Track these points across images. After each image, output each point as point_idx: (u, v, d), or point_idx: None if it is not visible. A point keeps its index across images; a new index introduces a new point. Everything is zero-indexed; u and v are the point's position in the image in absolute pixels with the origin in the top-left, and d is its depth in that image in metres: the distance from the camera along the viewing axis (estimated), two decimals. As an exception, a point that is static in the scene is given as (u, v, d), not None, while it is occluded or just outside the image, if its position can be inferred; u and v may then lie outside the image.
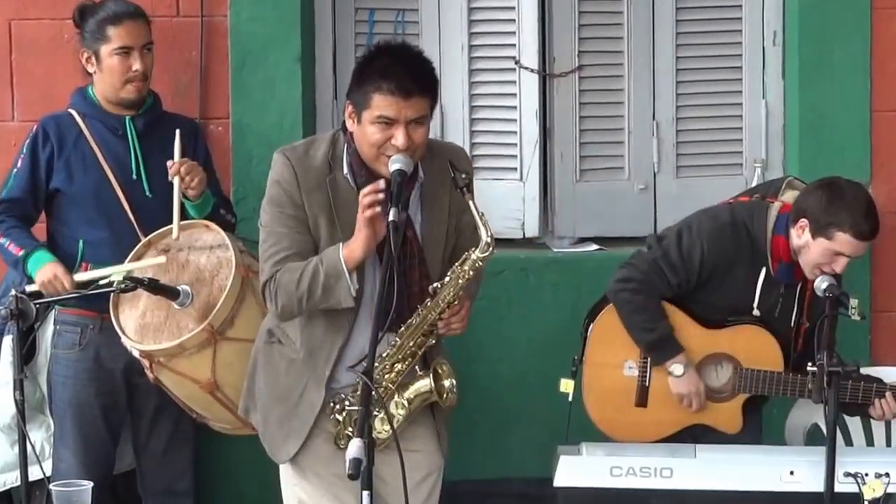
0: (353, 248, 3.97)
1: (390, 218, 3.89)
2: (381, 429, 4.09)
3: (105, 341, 4.82)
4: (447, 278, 4.05)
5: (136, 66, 4.83)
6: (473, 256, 4.03)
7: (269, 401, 4.23)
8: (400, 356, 4.10)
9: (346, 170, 4.08)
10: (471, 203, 4.00)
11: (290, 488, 4.22)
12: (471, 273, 4.03)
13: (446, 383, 4.14)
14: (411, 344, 4.09)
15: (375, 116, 3.97)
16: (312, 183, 4.07)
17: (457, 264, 4.04)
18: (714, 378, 4.78)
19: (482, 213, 4.00)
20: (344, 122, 4.10)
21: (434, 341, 4.11)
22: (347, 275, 3.97)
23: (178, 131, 4.79)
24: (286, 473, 4.23)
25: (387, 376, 4.10)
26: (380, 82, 3.95)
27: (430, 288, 4.05)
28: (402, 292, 4.03)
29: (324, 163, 4.09)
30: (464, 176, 4.00)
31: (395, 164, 3.96)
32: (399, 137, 3.96)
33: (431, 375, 4.11)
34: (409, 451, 4.09)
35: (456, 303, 4.05)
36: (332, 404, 4.14)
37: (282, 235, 4.07)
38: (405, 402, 4.11)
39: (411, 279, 4.10)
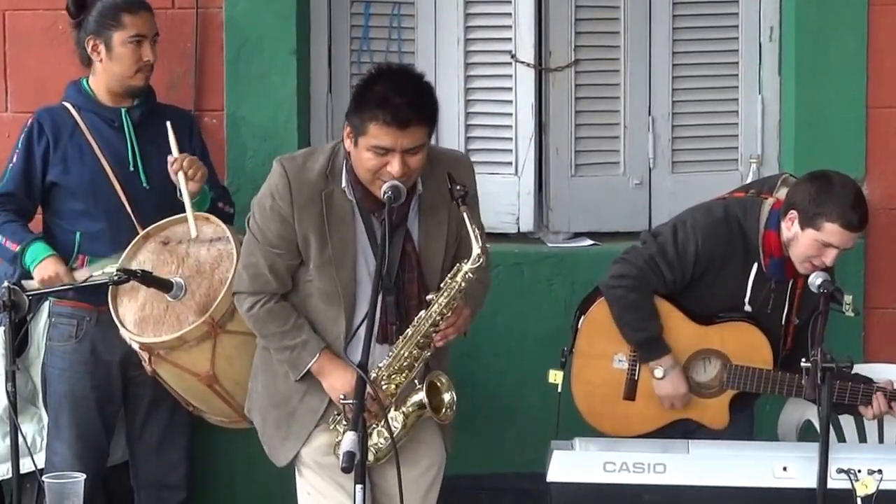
0: (325, 376, 4.12)
1: (378, 241, 4.01)
2: (379, 440, 4.13)
3: (101, 334, 4.81)
4: (440, 289, 4.07)
5: (148, 55, 4.85)
6: (465, 269, 4.05)
7: (266, 404, 4.28)
8: (396, 367, 4.11)
9: (344, 183, 4.10)
10: (465, 215, 4.00)
11: (300, 480, 4.27)
12: (463, 285, 4.05)
13: (446, 397, 4.17)
14: (406, 354, 4.10)
15: (371, 145, 3.98)
16: (306, 197, 4.09)
17: (448, 276, 4.07)
18: (702, 373, 4.78)
19: (475, 227, 4.02)
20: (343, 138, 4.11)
21: (430, 353, 4.13)
22: (303, 372, 4.14)
23: (168, 125, 4.78)
24: (295, 466, 4.27)
25: (385, 386, 4.11)
26: (376, 112, 3.94)
27: (427, 298, 4.08)
28: (401, 306, 4.09)
29: (320, 176, 4.10)
30: (459, 188, 4.01)
31: (387, 190, 3.98)
32: (394, 165, 3.97)
33: (425, 389, 4.11)
34: (412, 442, 4.16)
35: (449, 314, 4.07)
36: (335, 414, 4.16)
37: (261, 252, 4.14)
38: (402, 416, 4.12)
39: (410, 293, 4.14)
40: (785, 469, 4.41)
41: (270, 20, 5.37)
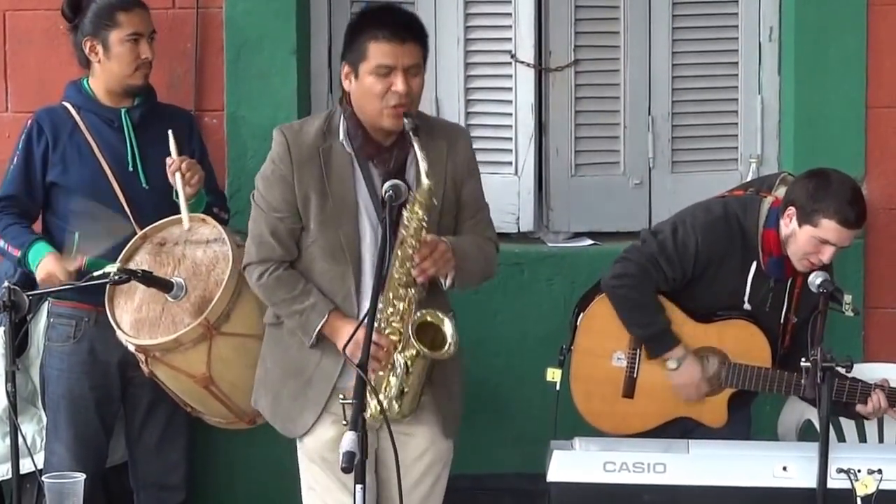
0: (337, 335, 4.12)
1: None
2: (371, 404, 4.09)
3: (100, 334, 4.81)
4: (404, 226, 4.08)
5: (146, 53, 4.85)
6: (416, 197, 4.05)
7: (280, 378, 4.27)
8: (390, 310, 4.10)
9: (342, 136, 4.16)
10: (416, 145, 4.03)
11: (303, 474, 4.28)
12: (420, 213, 4.04)
13: (447, 330, 4.12)
14: (392, 296, 4.09)
15: (374, 66, 4.06)
16: (305, 156, 4.15)
17: (405, 210, 4.06)
18: (700, 372, 4.80)
19: (425, 156, 4.02)
20: (341, 97, 4.19)
21: (415, 291, 4.10)
22: (313, 335, 4.16)
23: (170, 132, 4.78)
24: (300, 459, 4.27)
25: (387, 332, 4.10)
26: (375, 32, 4.06)
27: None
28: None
29: (318, 135, 4.18)
30: (408, 121, 4.05)
31: (388, 189, 4.01)
32: (399, 84, 4.05)
33: (414, 331, 4.07)
34: (408, 435, 4.17)
35: (417, 248, 4.05)
36: (342, 396, 4.14)
37: (264, 219, 4.20)
38: (403, 359, 4.09)
39: None
40: (785, 469, 4.42)
41: (270, 20, 5.37)
